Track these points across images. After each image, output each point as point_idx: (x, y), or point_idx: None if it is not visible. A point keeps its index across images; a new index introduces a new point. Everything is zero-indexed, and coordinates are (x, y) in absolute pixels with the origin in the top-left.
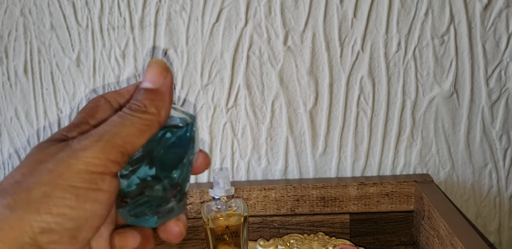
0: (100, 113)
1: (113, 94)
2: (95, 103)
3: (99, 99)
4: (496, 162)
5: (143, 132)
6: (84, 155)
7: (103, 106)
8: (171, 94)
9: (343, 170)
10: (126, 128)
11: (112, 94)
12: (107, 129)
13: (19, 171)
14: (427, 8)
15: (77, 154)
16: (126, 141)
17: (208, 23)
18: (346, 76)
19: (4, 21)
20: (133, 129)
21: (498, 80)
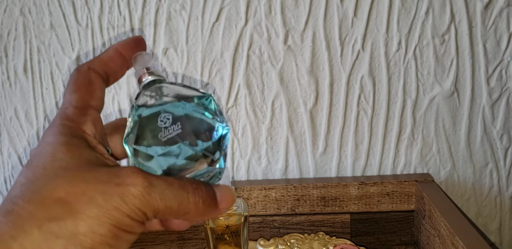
0: (98, 91)
1: (99, 64)
2: (87, 78)
3: (87, 72)
4: (497, 161)
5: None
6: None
7: (96, 81)
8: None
9: (344, 169)
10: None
11: (98, 64)
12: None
13: (62, 189)
14: (427, 7)
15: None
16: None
17: (208, 22)
18: (347, 76)
19: (4, 21)
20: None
21: (499, 79)
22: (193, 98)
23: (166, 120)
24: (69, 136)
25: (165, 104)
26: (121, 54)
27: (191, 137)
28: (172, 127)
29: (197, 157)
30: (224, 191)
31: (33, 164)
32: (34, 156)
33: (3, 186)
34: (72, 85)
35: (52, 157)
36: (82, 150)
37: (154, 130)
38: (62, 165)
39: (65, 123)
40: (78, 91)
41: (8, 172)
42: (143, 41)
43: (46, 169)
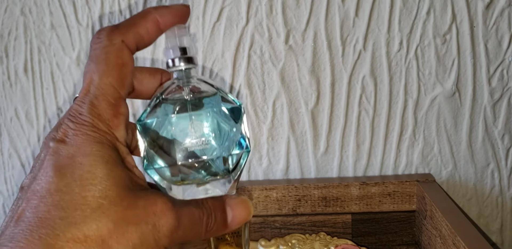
0: (129, 77)
1: (134, 38)
2: (120, 58)
3: (121, 48)
4: (498, 162)
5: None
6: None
7: (130, 62)
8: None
9: (345, 169)
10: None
11: (132, 38)
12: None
13: (106, 220)
14: (429, 7)
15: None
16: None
17: (209, 22)
18: (348, 76)
19: (4, 20)
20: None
21: (500, 79)
22: (227, 108)
23: (196, 129)
24: (105, 148)
25: (197, 110)
26: (159, 27)
27: (217, 154)
28: (200, 140)
29: (215, 173)
30: (237, 209)
31: (68, 176)
32: (66, 164)
33: (3, 186)
34: (103, 64)
35: (92, 178)
36: (119, 171)
37: (181, 134)
38: (104, 194)
39: (98, 126)
40: (110, 75)
41: (9, 172)
42: (188, 14)
43: (87, 196)
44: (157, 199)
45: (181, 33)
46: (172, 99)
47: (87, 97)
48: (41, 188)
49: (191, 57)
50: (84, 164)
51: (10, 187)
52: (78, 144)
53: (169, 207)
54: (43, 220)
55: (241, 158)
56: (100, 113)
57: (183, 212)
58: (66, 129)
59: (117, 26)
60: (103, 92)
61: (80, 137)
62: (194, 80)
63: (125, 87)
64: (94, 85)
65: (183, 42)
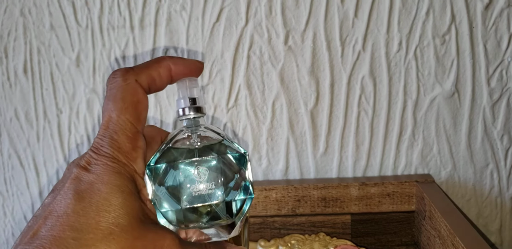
0: (144, 113)
1: (146, 79)
2: (135, 96)
3: (136, 87)
4: (497, 162)
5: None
6: None
7: (144, 100)
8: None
9: (344, 170)
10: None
11: (145, 79)
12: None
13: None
14: (428, 7)
15: None
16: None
17: (209, 22)
18: (347, 76)
19: (4, 21)
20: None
21: (500, 80)
22: (232, 155)
23: (202, 175)
24: (123, 179)
25: (203, 157)
26: (171, 75)
27: (221, 200)
28: (206, 184)
29: (220, 218)
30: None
31: (86, 200)
32: (85, 189)
33: (3, 187)
34: (120, 102)
35: (107, 205)
36: (134, 201)
37: (187, 180)
38: (116, 221)
39: (118, 158)
40: (127, 112)
41: (9, 172)
42: (201, 70)
43: (100, 221)
44: (166, 234)
45: (192, 85)
46: (180, 146)
47: (107, 132)
48: (59, 209)
49: (200, 107)
50: (102, 191)
51: (9, 188)
52: (98, 172)
53: (176, 243)
54: (57, 239)
55: (244, 204)
56: (120, 147)
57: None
58: (89, 159)
59: (132, 68)
60: (121, 128)
61: (101, 166)
62: (202, 129)
63: (141, 122)
64: (113, 122)
65: (193, 93)
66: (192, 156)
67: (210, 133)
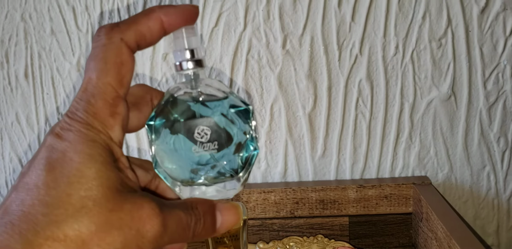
0: (127, 76)
1: (134, 36)
2: (119, 56)
3: (120, 46)
4: (494, 164)
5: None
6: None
7: (129, 61)
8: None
9: (342, 172)
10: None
11: (133, 36)
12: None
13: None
14: (424, 11)
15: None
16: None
17: (207, 27)
18: (345, 80)
19: (5, 26)
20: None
21: (496, 83)
22: (235, 111)
23: (203, 134)
24: (97, 147)
25: (205, 113)
26: (163, 27)
27: (226, 158)
28: (208, 145)
29: (224, 174)
30: (227, 214)
31: (57, 171)
32: (57, 158)
33: (4, 190)
34: (101, 62)
35: (79, 176)
36: (109, 171)
37: (189, 139)
38: (89, 194)
39: (93, 124)
40: (109, 74)
41: (10, 176)
42: (197, 15)
43: (72, 194)
44: (144, 203)
45: (189, 35)
46: (180, 102)
47: (85, 95)
48: (30, 180)
49: (199, 59)
50: (74, 160)
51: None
52: (71, 140)
53: (156, 213)
54: (26, 215)
55: (249, 159)
56: (96, 112)
57: (171, 217)
58: (63, 124)
59: (117, 24)
60: (100, 91)
61: (74, 133)
62: (203, 83)
63: (124, 86)
64: (92, 84)
65: (191, 44)
66: (192, 114)
67: (211, 88)
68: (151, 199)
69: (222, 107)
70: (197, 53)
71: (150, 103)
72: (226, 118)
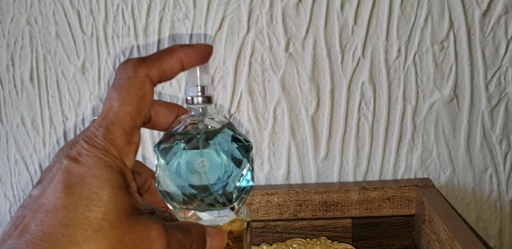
0: (146, 109)
1: (157, 73)
2: (142, 90)
3: (144, 81)
4: (496, 166)
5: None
6: None
7: (150, 95)
8: None
9: (345, 174)
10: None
11: (156, 73)
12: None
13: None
14: (426, 14)
15: None
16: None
17: (211, 31)
18: (347, 82)
19: (11, 30)
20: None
21: (498, 85)
22: (236, 146)
23: (202, 166)
24: (113, 172)
25: (207, 146)
26: (183, 65)
27: (221, 189)
28: (205, 175)
29: (219, 202)
30: (214, 239)
31: (75, 194)
32: (75, 183)
33: (9, 192)
34: (125, 93)
35: (97, 200)
36: (123, 195)
37: (189, 168)
38: (106, 216)
39: (110, 150)
40: (130, 105)
41: (15, 178)
42: (211, 54)
43: (90, 217)
44: (152, 225)
45: (202, 73)
46: (186, 134)
47: (105, 122)
48: (48, 202)
49: (209, 96)
50: (92, 185)
51: (16, 193)
52: (89, 165)
53: (162, 234)
54: (47, 235)
55: (244, 191)
56: (114, 139)
57: (173, 238)
58: (81, 149)
59: (144, 59)
60: (120, 120)
61: (92, 158)
62: (209, 118)
63: (142, 118)
64: (113, 112)
65: (203, 81)
66: (197, 144)
67: (217, 123)
68: (157, 221)
69: (224, 142)
70: (207, 90)
71: (176, 112)
72: (226, 153)
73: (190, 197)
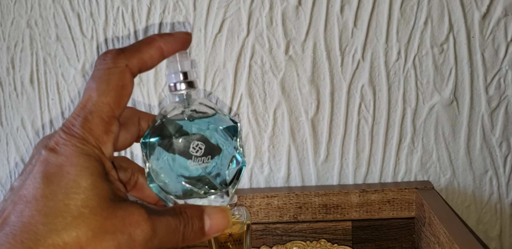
0: (125, 99)
1: (138, 63)
2: (121, 80)
3: (124, 71)
4: (496, 169)
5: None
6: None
7: (129, 85)
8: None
9: (345, 177)
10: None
11: (136, 63)
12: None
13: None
14: (426, 17)
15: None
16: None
17: (211, 33)
18: (347, 85)
19: (11, 33)
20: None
21: (498, 88)
22: (225, 127)
23: (198, 149)
24: (92, 160)
25: (196, 130)
26: (163, 54)
27: (217, 171)
28: (202, 158)
29: (214, 187)
30: (215, 218)
31: (54, 183)
32: (54, 172)
33: None
34: (104, 84)
35: (76, 187)
36: (103, 182)
37: (184, 154)
38: (85, 203)
39: (88, 139)
40: (109, 95)
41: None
42: (190, 41)
43: (69, 204)
44: (134, 210)
45: (183, 59)
46: (174, 122)
47: (83, 111)
48: (28, 193)
49: (191, 81)
50: (71, 173)
51: None
52: (67, 154)
53: (144, 218)
54: (27, 225)
55: (237, 172)
56: (92, 128)
57: (160, 221)
58: (58, 139)
59: (123, 50)
60: (98, 109)
61: (70, 147)
62: (195, 103)
63: (120, 108)
64: (92, 102)
65: (184, 67)
66: (186, 131)
67: (202, 107)
68: (140, 206)
69: (213, 124)
70: (190, 75)
71: (137, 124)
72: (217, 134)
73: (186, 186)
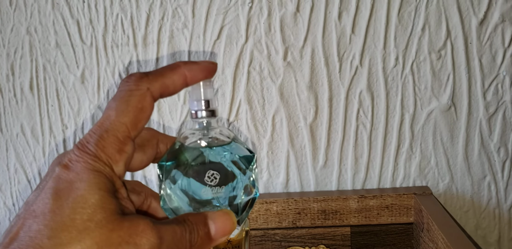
0: (143, 121)
1: (159, 88)
2: (141, 103)
3: (145, 95)
4: (494, 174)
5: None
6: None
7: (148, 109)
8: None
9: (344, 182)
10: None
11: (158, 88)
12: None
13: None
14: (424, 23)
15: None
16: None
17: (210, 40)
18: (345, 91)
19: (11, 39)
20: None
21: (495, 93)
22: (241, 157)
23: (213, 178)
24: (101, 177)
25: (213, 159)
26: (186, 81)
27: (229, 200)
28: (216, 188)
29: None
30: (219, 221)
31: (63, 199)
32: (64, 188)
33: (9, 201)
34: (124, 104)
35: (83, 202)
36: (111, 198)
37: (199, 181)
38: (91, 217)
39: (100, 157)
40: (127, 116)
41: (15, 187)
42: (215, 71)
43: (75, 219)
44: (139, 220)
45: (206, 87)
46: (191, 148)
47: (99, 129)
48: (37, 208)
49: (213, 110)
50: (79, 188)
51: (16, 202)
52: (78, 170)
53: (150, 227)
54: (33, 239)
55: (250, 202)
56: (105, 146)
57: (165, 230)
58: (72, 155)
59: (147, 74)
60: (114, 128)
61: (81, 164)
62: (214, 131)
63: (137, 129)
64: (109, 121)
65: (207, 96)
66: (202, 159)
67: (221, 135)
68: (146, 217)
69: (230, 153)
70: (211, 104)
71: (155, 146)
72: (233, 163)
73: (197, 211)
